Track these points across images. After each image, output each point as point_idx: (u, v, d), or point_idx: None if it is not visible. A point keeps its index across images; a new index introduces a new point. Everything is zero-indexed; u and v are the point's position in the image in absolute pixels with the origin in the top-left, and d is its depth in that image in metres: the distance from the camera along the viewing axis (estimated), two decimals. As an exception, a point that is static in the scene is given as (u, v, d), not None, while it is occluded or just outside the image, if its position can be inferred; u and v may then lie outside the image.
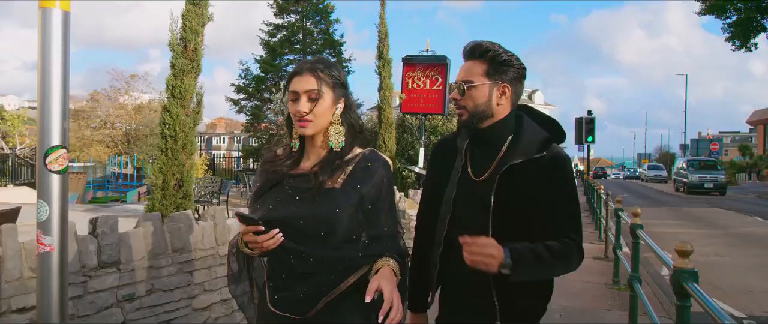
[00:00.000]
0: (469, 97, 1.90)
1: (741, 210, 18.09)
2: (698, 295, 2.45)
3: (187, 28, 4.97)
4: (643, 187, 35.29)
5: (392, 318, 1.55)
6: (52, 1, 1.90)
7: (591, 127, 17.80)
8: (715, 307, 2.25)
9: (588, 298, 6.25)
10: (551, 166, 1.83)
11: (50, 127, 1.92)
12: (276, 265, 1.76)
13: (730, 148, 69.55)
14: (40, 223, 1.91)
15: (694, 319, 5.14)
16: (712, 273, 7.56)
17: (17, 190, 17.21)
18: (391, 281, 1.64)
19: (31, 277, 2.58)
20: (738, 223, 14.48)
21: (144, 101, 47.29)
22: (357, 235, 1.77)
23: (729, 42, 26.32)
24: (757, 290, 6.81)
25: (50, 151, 1.92)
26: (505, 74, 1.89)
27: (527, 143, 1.86)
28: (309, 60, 1.85)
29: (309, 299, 1.69)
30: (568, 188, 1.84)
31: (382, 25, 11.82)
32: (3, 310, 2.47)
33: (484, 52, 1.89)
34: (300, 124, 1.76)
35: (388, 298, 1.56)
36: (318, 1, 26.15)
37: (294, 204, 1.74)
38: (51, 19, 1.90)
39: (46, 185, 1.93)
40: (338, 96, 1.81)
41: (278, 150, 1.94)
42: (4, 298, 2.47)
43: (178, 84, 4.88)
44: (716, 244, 10.45)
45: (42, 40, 1.91)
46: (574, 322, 5.22)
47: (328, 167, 1.76)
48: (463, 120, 1.95)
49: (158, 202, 5.08)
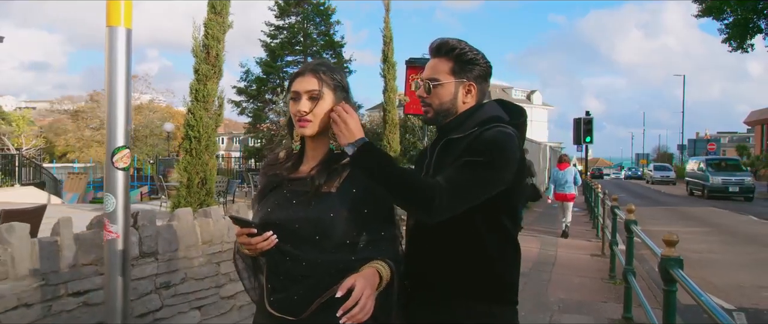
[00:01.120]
0: (434, 95, 1.91)
1: (736, 209, 18.41)
2: (683, 280, 2.74)
3: (209, 35, 5.26)
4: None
5: (353, 315, 1.54)
6: (117, 20, 2.19)
7: (589, 127, 17.96)
8: (697, 289, 2.54)
9: (585, 291, 6.54)
10: (472, 140, 1.78)
11: (116, 131, 2.20)
12: (273, 266, 1.77)
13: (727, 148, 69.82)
14: (108, 214, 2.20)
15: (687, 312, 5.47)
16: (706, 269, 7.86)
17: (24, 189, 17.48)
18: (369, 280, 1.62)
19: (83, 264, 2.87)
20: (733, 221, 14.80)
21: (144, 102, 47.57)
22: (353, 240, 1.75)
23: (726, 43, 26.60)
24: (747, 285, 7.10)
25: (116, 150, 2.20)
26: (471, 72, 1.90)
27: (469, 126, 1.85)
28: (312, 62, 1.89)
29: (304, 300, 1.70)
30: (472, 160, 1.72)
31: (386, 30, 12.12)
32: (60, 293, 2.76)
33: (449, 50, 1.90)
34: (300, 123, 1.77)
35: (355, 295, 1.55)
36: (318, 2, 26.44)
37: (291, 207, 1.75)
38: (117, 37, 2.18)
39: (112, 180, 2.21)
40: (339, 99, 1.80)
41: (280, 153, 1.97)
42: (61, 282, 2.76)
43: (201, 88, 5.17)
44: (711, 242, 10.75)
45: (109, 55, 2.19)
46: (571, 313, 5.51)
47: (325, 171, 1.78)
48: (429, 117, 1.96)
49: (183, 199, 5.37)
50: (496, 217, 1.82)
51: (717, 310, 2.22)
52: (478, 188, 1.70)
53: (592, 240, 10.84)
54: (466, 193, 1.69)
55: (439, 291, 1.83)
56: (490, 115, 1.86)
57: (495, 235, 1.83)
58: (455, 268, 1.81)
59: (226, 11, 5.28)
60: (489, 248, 1.81)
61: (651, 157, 74.16)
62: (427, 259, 1.84)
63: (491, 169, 1.71)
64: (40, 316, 2.65)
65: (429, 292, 1.84)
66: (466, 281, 1.81)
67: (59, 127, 47.34)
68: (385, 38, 11.98)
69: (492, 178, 1.72)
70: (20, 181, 17.90)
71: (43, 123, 50.39)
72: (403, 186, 1.67)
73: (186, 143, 5.57)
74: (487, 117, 1.85)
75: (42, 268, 2.66)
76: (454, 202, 1.66)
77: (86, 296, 2.86)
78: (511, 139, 1.78)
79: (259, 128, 27.31)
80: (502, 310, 1.84)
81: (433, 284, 1.84)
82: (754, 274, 7.82)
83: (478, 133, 1.78)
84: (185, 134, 5.65)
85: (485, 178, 1.71)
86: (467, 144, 1.77)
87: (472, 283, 1.80)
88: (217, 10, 5.19)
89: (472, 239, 1.81)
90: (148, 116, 46.63)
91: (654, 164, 48.30)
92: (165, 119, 48.19)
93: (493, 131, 1.78)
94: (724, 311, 2.22)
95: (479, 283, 1.81)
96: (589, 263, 8.50)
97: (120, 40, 2.19)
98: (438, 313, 1.82)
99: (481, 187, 1.71)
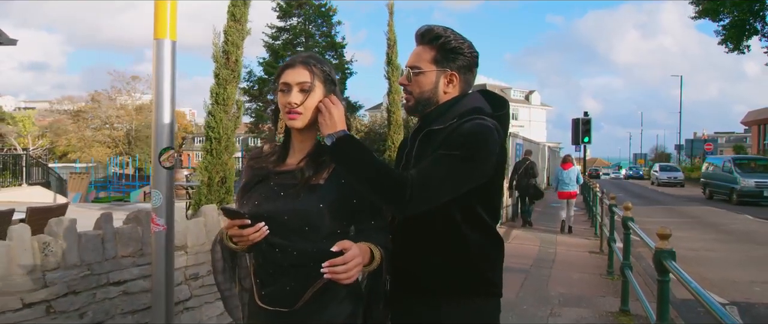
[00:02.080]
0: (415, 83, 1.87)
1: (733, 208, 18.67)
2: (676, 271, 2.98)
3: (229, 41, 5.55)
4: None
5: (336, 271, 1.56)
6: (163, 33, 2.42)
7: (587, 127, 18.19)
8: (688, 278, 2.77)
9: (584, 286, 6.79)
10: (450, 132, 1.74)
11: (162, 133, 2.43)
12: (262, 260, 1.76)
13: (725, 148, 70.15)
14: (155, 208, 2.43)
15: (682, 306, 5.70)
16: (702, 266, 8.10)
17: (31, 189, 17.67)
18: (362, 251, 1.65)
19: (123, 256, 3.10)
20: (729, 220, 15.05)
21: (145, 102, 47.77)
22: (343, 230, 1.77)
23: (722, 45, 26.86)
24: (741, 281, 7.35)
25: (163, 151, 2.43)
26: (454, 62, 1.85)
27: (449, 117, 1.81)
28: (301, 54, 1.87)
29: (295, 291, 1.70)
30: (447, 153, 1.69)
31: (390, 33, 12.42)
32: (102, 283, 2.99)
33: (434, 39, 1.85)
34: (289, 116, 1.76)
35: (346, 257, 1.57)
36: (320, 3, 26.70)
37: (278, 200, 1.75)
38: (163, 48, 2.42)
39: (159, 178, 2.44)
40: (328, 91, 1.80)
41: (264, 146, 1.96)
42: (103, 272, 2.99)
43: (221, 92, 5.46)
44: (707, 240, 11.01)
45: (156, 65, 2.42)
46: (571, 307, 5.75)
47: (313, 163, 1.78)
48: (409, 105, 1.93)
49: (204, 197, 5.64)
50: (474, 210, 1.80)
51: (707, 297, 2.45)
52: (451, 182, 1.68)
53: (591, 238, 11.10)
54: (439, 187, 1.66)
55: (421, 286, 1.82)
56: (471, 107, 1.83)
57: (475, 228, 1.81)
58: (436, 263, 1.80)
59: (245, 19, 5.56)
60: (469, 243, 1.79)
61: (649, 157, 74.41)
62: (409, 254, 1.82)
63: (468, 162, 1.68)
64: (86, 302, 2.88)
65: (411, 287, 1.83)
66: (447, 276, 1.79)
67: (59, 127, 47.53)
68: (389, 41, 12.27)
69: (468, 171, 1.69)
70: (27, 181, 18.10)
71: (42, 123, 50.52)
72: (375, 180, 1.66)
73: (207, 144, 5.84)
74: (467, 108, 1.81)
75: (87, 259, 2.90)
76: (425, 196, 1.64)
77: (125, 285, 3.10)
78: (490, 131, 1.73)
79: (261, 128, 27.57)
80: (484, 303, 1.84)
81: (415, 280, 1.82)
82: (747, 271, 8.07)
83: (456, 125, 1.75)
84: (206, 135, 5.91)
85: (460, 172, 1.68)
86: (445, 136, 1.74)
87: (454, 278, 1.79)
88: (236, 17, 5.47)
89: (451, 234, 1.79)
90: (148, 117, 46.83)
91: (659, 164, 44.12)
92: (166, 120, 48.27)
93: (472, 124, 1.73)
94: (714, 300, 2.44)
95: (460, 278, 1.79)
96: (588, 260, 8.75)
97: (166, 52, 2.42)
98: (421, 308, 1.82)
99: (456, 181, 1.68)
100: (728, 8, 25.60)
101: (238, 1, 5.35)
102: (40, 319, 2.65)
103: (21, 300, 2.57)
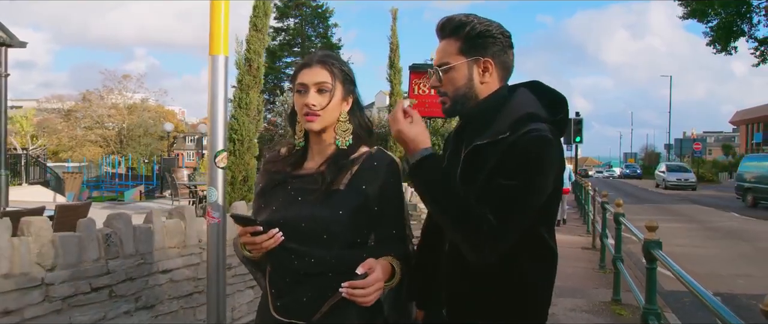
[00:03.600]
0: (447, 81, 1.66)
1: (720, 206, 19.20)
2: (662, 258, 3.37)
3: (251, 50, 5.91)
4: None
5: (354, 295, 1.52)
6: (218, 49, 2.77)
7: (579, 127, 18.60)
8: (673, 264, 3.16)
9: (577, 279, 7.19)
10: (505, 151, 1.51)
11: (217, 136, 2.76)
12: (278, 267, 1.68)
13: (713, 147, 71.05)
14: (211, 203, 2.78)
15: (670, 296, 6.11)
16: (689, 261, 8.51)
17: (31, 188, 17.93)
18: (384, 269, 1.60)
19: (169, 247, 3.45)
20: (716, 218, 15.60)
21: (137, 101, 47.74)
22: (362, 239, 1.68)
23: (710, 46, 27.33)
24: (725, 274, 7.80)
25: (218, 153, 2.78)
26: (485, 48, 1.63)
27: (502, 121, 1.57)
28: (319, 52, 1.76)
29: (313, 303, 1.61)
30: (508, 184, 1.48)
31: (393, 37, 12.85)
32: (152, 271, 3.34)
33: (456, 28, 1.64)
34: (307, 118, 1.66)
35: (369, 281, 1.53)
36: (317, 5, 27.05)
37: (297, 205, 1.66)
38: (218, 63, 2.76)
39: (214, 177, 2.76)
40: (347, 92, 1.72)
41: (281, 149, 1.87)
42: (154, 261, 3.34)
43: (244, 97, 5.83)
44: (694, 237, 11.47)
45: (212, 78, 2.75)
46: (566, 297, 6.14)
47: (334, 167, 1.68)
48: (447, 108, 1.70)
49: (228, 195, 5.96)
50: (536, 232, 1.62)
51: (688, 278, 2.83)
52: (522, 216, 1.51)
53: (583, 235, 11.51)
54: (514, 228, 1.50)
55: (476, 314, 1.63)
56: (524, 113, 1.56)
57: (535, 256, 1.63)
58: (493, 292, 1.61)
59: (265, 29, 5.92)
60: (529, 270, 1.62)
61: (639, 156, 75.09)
62: (463, 279, 1.63)
63: (531, 192, 1.51)
64: (141, 288, 3.23)
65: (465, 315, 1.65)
66: (504, 306, 1.62)
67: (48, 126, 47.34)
68: (392, 45, 12.71)
69: (532, 200, 1.52)
70: (27, 180, 18.34)
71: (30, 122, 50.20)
72: (456, 220, 1.51)
73: (230, 145, 6.19)
74: (519, 115, 1.56)
75: (141, 249, 3.25)
76: (503, 245, 1.49)
77: (172, 274, 3.45)
78: (551, 147, 1.52)
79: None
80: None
81: (471, 307, 1.64)
82: (731, 265, 8.53)
83: (511, 141, 1.51)
84: (229, 137, 6.28)
85: (525, 203, 1.50)
86: (500, 157, 1.51)
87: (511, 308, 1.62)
88: (258, 28, 5.83)
89: (510, 260, 1.57)
90: (140, 115, 46.82)
91: (666, 163, 38.32)
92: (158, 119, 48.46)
93: (529, 139, 1.50)
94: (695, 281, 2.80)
95: (517, 307, 1.63)
96: (581, 255, 9.16)
97: (220, 67, 2.76)
98: None
99: (524, 213, 1.51)
100: (716, 10, 26.08)
101: (260, 13, 5.72)
102: (104, 301, 3.00)
103: (89, 284, 2.92)
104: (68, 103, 49.07)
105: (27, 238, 2.64)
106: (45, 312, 2.68)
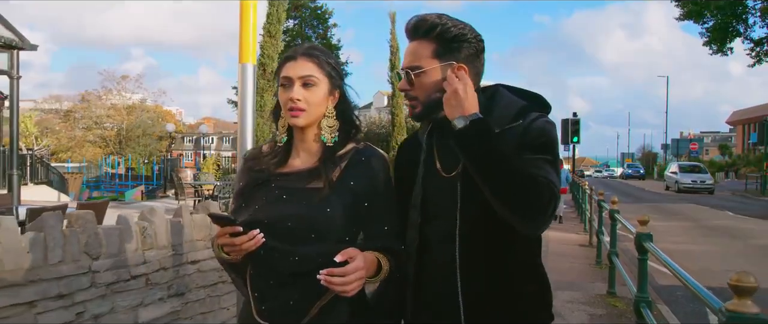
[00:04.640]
0: (419, 85, 1.59)
1: (715, 205, 19.51)
2: (653, 250, 3.65)
3: (265, 55, 6.21)
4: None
5: (332, 282, 1.40)
6: (247, 58, 3.04)
7: (576, 128, 18.71)
8: (664, 256, 3.43)
9: (574, 274, 7.49)
10: (523, 132, 1.49)
11: (246, 138, 3.05)
12: (260, 269, 1.58)
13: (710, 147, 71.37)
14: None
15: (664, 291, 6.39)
16: (683, 258, 8.81)
17: (37, 188, 18.15)
18: (368, 262, 1.51)
19: (197, 239, 3.73)
20: (711, 216, 15.90)
21: (136, 101, 47.82)
22: (352, 236, 1.60)
23: (706, 46, 27.58)
24: (717, 270, 8.07)
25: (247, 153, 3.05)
26: (459, 52, 1.57)
27: (500, 116, 1.53)
28: (302, 45, 1.67)
29: (300, 306, 1.53)
30: (541, 158, 1.46)
31: (393, 40, 13.18)
32: (183, 261, 3.61)
33: (429, 30, 1.57)
34: (291, 113, 1.60)
35: (349, 269, 1.41)
36: (316, 6, 27.26)
37: (282, 204, 1.57)
38: (247, 71, 3.04)
39: (244, 175, 3.06)
40: (334, 86, 1.64)
41: (263, 146, 1.77)
42: (184, 252, 3.62)
43: (258, 99, 6.08)
44: (689, 235, 11.76)
45: (242, 85, 3.04)
46: (564, 290, 6.43)
47: (330, 163, 1.62)
48: (417, 112, 1.64)
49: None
50: None
51: (675, 266, 3.10)
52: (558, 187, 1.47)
53: (580, 233, 11.81)
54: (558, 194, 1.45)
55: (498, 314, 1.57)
56: (521, 105, 1.57)
57: (538, 244, 1.66)
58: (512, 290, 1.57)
59: (278, 35, 6.21)
60: (540, 264, 1.64)
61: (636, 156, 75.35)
62: (481, 275, 1.56)
63: (558, 166, 1.51)
64: (172, 277, 3.51)
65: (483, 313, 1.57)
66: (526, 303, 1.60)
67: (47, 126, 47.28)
68: (392, 48, 13.06)
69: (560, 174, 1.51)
70: (33, 180, 18.58)
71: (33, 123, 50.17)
72: (513, 180, 1.41)
73: (245, 148, 6.48)
74: (519, 107, 1.56)
75: (173, 241, 3.52)
76: (556, 204, 1.44)
77: (199, 264, 3.73)
78: (556, 132, 1.56)
79: (258, 128, 28.09)
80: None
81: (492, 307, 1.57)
82: (723, 261, 8.81)
83: (526, 125, 1.51)
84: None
85: (559, 175, 1.51)
86: (519, 140, 1.48)
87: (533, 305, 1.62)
88: (272, 34, 6.12)
89: (525, 255, 1.60)
90: (139, 116, 46.92)
91: (679, 163, 34.21)
92: (156, 119, 48.59)
93: (543, 122, 1.53)
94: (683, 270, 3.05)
95: (539, 304, 1.63)
96: (578, 252, 9.45)
97: (249, 74, 3.04)
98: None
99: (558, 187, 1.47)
100: (712, 11, 26.33)
101: (273, 19, 6.01)
102: (141, 289, 3.27)
103: (129, 272, 3.19)
104: (66, 103, 49.13)
105: (76, 229, 2.91)
106: (92, 297, 2.96)
